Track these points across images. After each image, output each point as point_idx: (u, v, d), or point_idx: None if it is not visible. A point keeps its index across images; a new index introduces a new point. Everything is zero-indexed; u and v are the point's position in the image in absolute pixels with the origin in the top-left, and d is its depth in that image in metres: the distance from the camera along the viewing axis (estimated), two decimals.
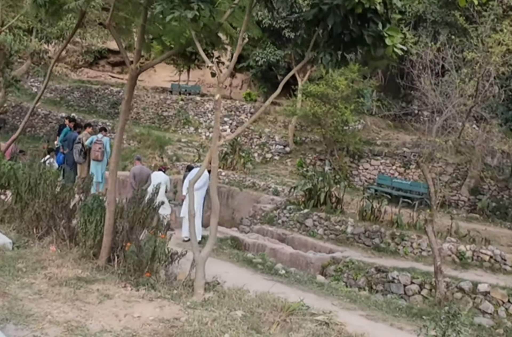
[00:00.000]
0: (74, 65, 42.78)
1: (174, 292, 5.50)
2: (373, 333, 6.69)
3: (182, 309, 4.97)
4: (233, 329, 4.47)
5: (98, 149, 13.14)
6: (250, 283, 9.00)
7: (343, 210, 14.99)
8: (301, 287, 9.04)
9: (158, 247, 5.69)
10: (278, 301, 5.34)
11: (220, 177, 21.11)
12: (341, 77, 19.25)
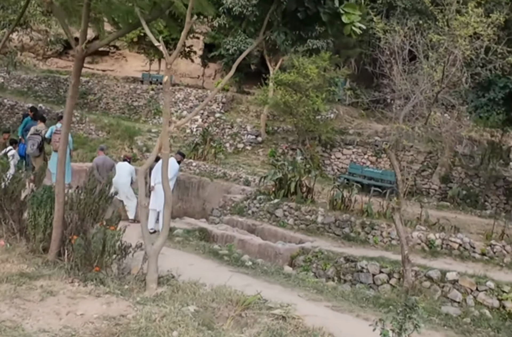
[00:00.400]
0: (43, 55, 41.75)
1: (125, 287, 5.20)
2: (338, 324, 6.50)
3: (130, 305, 4.68)
4: (182, 326, 4.20)
5: (58, 140, 12.63)
6: (214, 276, 8.75)
7: (313, 200, 14.80)
8: (268, 279, 8.82)
9: (108, 240, 5.35)
10: (234, 295, 5.08)
11: (191, 167, 20.78)
12: (312, 65, 18.99)
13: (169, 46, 32.17)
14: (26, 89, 29.69)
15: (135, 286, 5.23)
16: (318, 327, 4.97)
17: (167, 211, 5.40)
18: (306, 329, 4.78)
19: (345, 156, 20.86)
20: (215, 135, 24.32)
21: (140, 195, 5.42)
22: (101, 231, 5.29)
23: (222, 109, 25.49)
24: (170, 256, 9.69)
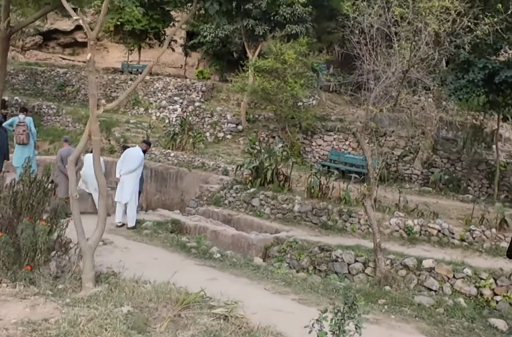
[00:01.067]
0: (22, 47, 40.90)
1: (59, 287, 4.77)
2: (302, 318, 6.11)
3: (58, 307, 4.25)
4: (109, 330, 3.79)
5: (22, 132, 12.17)
6: (176, 270, 8.35)
7: (291, 188, 14.40)
8: (235, 272, 8.43)
9: (39, 236, 4.90)
10: (175, 293, 4.65)
11: (169, 158, 20.31)
12: (290, 51, 18.50)
13: (149, 35, 31.70)
14: None
15: (70, 285, 4.81)
16: (264, 326, 4.57)
17: (102, 203, 4.94)
18: (249, 329, 4.37)
19: (326, 142, 20.46)
20: (195, 125, 23.83)
21: (70, 186, 4.94)
22: (29, 227, 4.85)
23: (202, 98, 24.97)
24: (134, 250, 9.30)
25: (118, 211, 11.27)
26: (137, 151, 11.40)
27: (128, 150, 11.60)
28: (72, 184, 4.81)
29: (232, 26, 21.80)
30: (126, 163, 11.21)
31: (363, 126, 8.75)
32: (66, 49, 43.00)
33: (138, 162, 11.21)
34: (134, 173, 11.23)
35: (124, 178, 11.19)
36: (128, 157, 11.26)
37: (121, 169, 11.23)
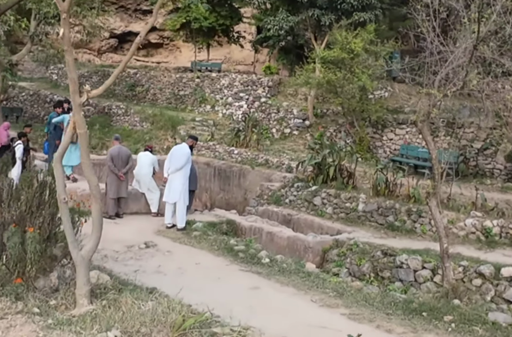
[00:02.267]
0: (98, 50, 42.10)
1: (51, 303, 4.17)
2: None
3: (36, 330, 3.63)
4: None
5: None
6: (219, 276, 7.66)
7: (355, 186, 13.36)
8: (282, 279, 7.61)
9: (28, 245, 4.31)
10: (174, 314, 3.90)
11: (233, 155, 19.79)
12: (357, 39, 17.36)
13: (217, 33, 31.34)
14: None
15: (64, 301, 4.20)
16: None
17: (95, 206, 4.29)
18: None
19: (398, 136, 19.13)
20: (261, 121, 23.16)
21: (58, 188, 4.31)
22: (15, 234, 4.27)
23: (268, 93, 24.24)
24: (177, 254, 8.71)
25: (167, 211, 10.76)
26: (183, 148, 10.83)
27: (174, 148, 11.06)
28: (60, 186, 4.19)
29: (297, 17, 20.86)
30: (173, 161, 10.65)
31: (426, 114, 7.65)
32: (140, 51, 43.79)
33: (185, 160, 10.62)
34: (182, 171, 10.65)
35: (172, 177, 10.65)
36: (174, 154, 10.70)
37: (168, 168, 10.68)
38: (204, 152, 21.11)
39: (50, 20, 18.44)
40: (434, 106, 7.35)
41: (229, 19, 30.00)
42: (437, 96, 6.92)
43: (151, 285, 6.70)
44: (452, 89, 6.91)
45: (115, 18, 42.66)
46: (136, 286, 5.66)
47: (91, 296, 4.13)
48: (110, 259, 8.12)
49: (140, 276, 7.17)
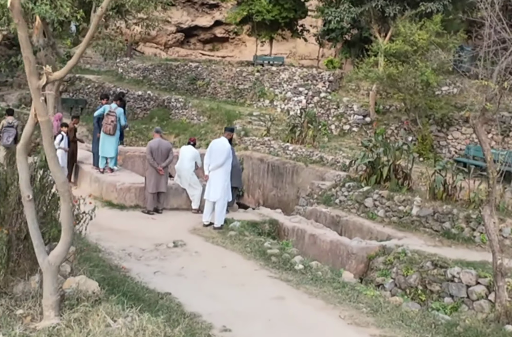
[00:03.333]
0: (164, 44, 42.50)
1: (17, 313, 3.71)
2: None
3: None
4: None
5: (110, 122, 11.72)
6: (244, 282, 7.07)
7: (411, 188, 12.37)
8: (312, 289, 6.92)
9: None
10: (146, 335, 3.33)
11: (287, 151, 19.13)
12: (421, 31, 16.20)
13: (280, 26, 30.62)
14: (141, 78, 29.88)
15: (31, 311, 3.73)
16: None
17: (65, 206, 3.72)
18: None
19: (465, 135, 17.81)
20: (320, 117, 22.34)
21: (21, 184, 3.75)
22: None
23: (329, 88, 23.35)
24: (205, 255, 8.20)
25: (206, 209, 10.27)
26: (222, 142, 10.25)
27: (213, 142, 10.50)
28: (23, 182, 3.67)
29: (360, 8, 19.83)
30: (213, 157, 10.09)
31: (481, 110, 6.71)
32: (206, 45, 43.91)
33: (226, 155, 10.05)
34: (223, 168, 10.10)
35: (213, 174, 10.11)
36: (214, 150, 10.14)
37: (208, 165, 10.13)
38: (259, 148, 20.59)
39: (109, 12, 18.37)
40: (490, 100, 6.41)
41: (293, 12, 29.24)
42: (493, 89, 6.02)
43: (167, 289, 6.24)
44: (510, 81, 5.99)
45: (182, 12, 42.99)
46: (131, 293, 5.16)
47: (61, 307, 3.64)
48: (133, 258, 7.73)
49: (158, 279, 6.72)
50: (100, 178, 11.87)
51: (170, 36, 42.54)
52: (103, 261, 7.00)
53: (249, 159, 20.26)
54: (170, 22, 42.29)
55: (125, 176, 11.95)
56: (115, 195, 11.29)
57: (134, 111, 26.79)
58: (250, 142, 21.08)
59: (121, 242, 8.57)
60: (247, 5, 29.00)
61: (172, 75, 29.26)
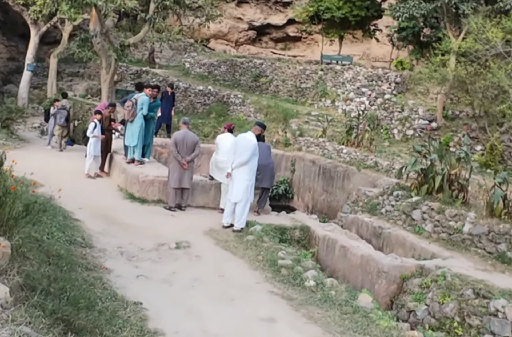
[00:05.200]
0: (236, 41, 42.15)
1: None
2: None
3: None
4: None
5: (125, 108, 11.12)
6: (236, 297, 6.08)
7: (467, 201, 10.89)
8: (313, 312, 5.83)
9: None
10: None
11: (341, 154, 17.94)
12: (496, 28, 14.53)
13: (351, 24, 29.27)
14: (206, 73, 29.50)
15: None
16: None
17: None
18: None
19: None
20: (382, 120, 20.95)
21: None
22: None
23: (394, 90, 21.86)
24: (206, 260, 7.27)
25: (227, 210, 9.33)
26: (248, 138, 9.27)
27: (239, 136, 9.50)
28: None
29: (431, 4, 18.25)
30: (238, 153, 9.12)
31: None
32: (278, 44, 43.20)
33: (251, 151, 9.06)
34: (248, 166, 9.12)
35: (236, 172, 9.14)
36: (240, 145, 9.16)
37: (232, 161, 9.18)
38: (313, 149, 19.51)
39: (166, 2, 17.89)
40: None
41: (364, 10, 27.82)
42: None
43: (141, 297, 5.37)
44: None
45: (255, 9, 42.45)
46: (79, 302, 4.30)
47: None
48: (124, 257, 6.93)
49: (137, 284, 5.87)
50: (126, 169, 11.26)
51: (242, 33, 42.14)
52: (84, 259, 6.25)
53: (301, 160, 19.22)
54: (243, 19, 41.95)
55: (151, 169, 11.25)
56: (137, 187, 10.61)
57: (194, 105, 26.41)
58: (305, 142, 20.03)
59: (123, 238, 7.83)
60: (316, 2, 27.93)
61: (236, 72, 28.67)
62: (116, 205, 10.03)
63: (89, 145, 12.09)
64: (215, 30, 41.56)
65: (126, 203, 10.28)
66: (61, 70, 27.56)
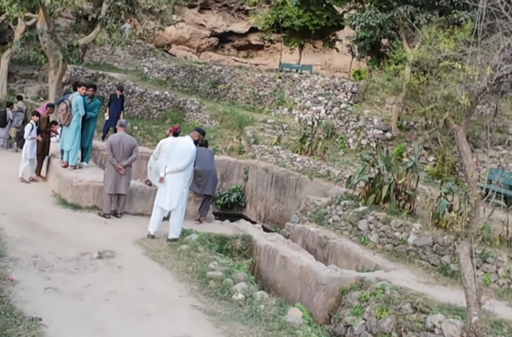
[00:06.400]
0: (197, 48, 41.68)
1: None
2: None
3: None
4: None
5: (60, 111, 10.53)
6: (152, 312, 5.58)
7: (413, 211, 10.67)
8: (237, 329, 5.39)
9: None
10: None
11: (294, 163, 17.61)
12: (448, 39, 14.51)
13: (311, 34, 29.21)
14: (165, 79, 28.91)
15: None
16: None
17: None
18: None
19: (492, 159, 15.92)
20: (338, 129, 20.78)
21: None
22: None
23: (351, 99, 21.73)
24: (129, 272, 6.74)
25: (155, 218, 8.77)
26: (187, 143, 8.75)
27: (174, 140, 9.01)
28: None
29: (387, 14, 18.21)
30: (173, 158, 8.61)
31: (466, 111, 5.04)
32: (240, 52, 42.94)
33: (190, 158, 8.59)
34: (184, 172, 8.64)
35: (170, 178, 8.62)
36: (176, 150, 8.66)
37: (165, 166, 8.65)
38: (267, 157, 19.13)
39: (118, 3, 17.30)
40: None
41: (324, 20, 27.77)
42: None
43: (44, 312, 4.82)
44: None
45: (218, 16, 42.13)
46: None
47: None
48: (36, 267, 6.34)
49: (43, 297, 5.30)
50: (60, 173, 10.62)
51: (204, 40, 41.73)
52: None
53: (255, 168, 18.81)
54: (205, 25, 41.58)
55: (88, 173, 10.64)
56: (71, 193, 9.98)
57: (150, 111, 25.80)
58: (259, 150, 19.65)
59: (43, 247, 7.23)
60: (276, 10, 27.78)
61: (195, 78, 28.23)
62: (45, 211, 9.39)
63: (25, 148, 11.42)
64: (177, 36, 41.03)
65: (57, 209, 9.65)
66: (14, 72, 26.62)
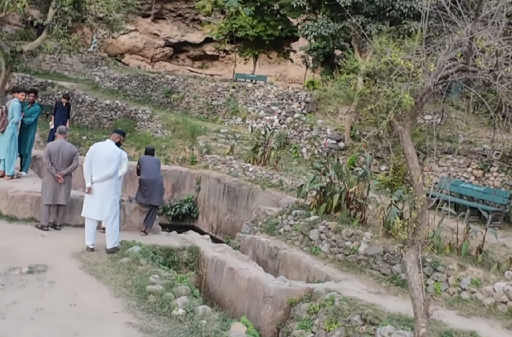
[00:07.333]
0: (151, 58, 41.11)
1: None
2: None
3: None
4: None
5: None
6: (82, 332, 5.14)
7: (364, 220, 10.52)
8: None
9: None
10: None
11: (247, 173, 17.32)
12: (398, 48, 14.59)
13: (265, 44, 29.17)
14: (117, 88, 28.29)
15: None
16: None
17: None
18: None
19: (442, 168, 16.06)
20: (292, 139, 20.67)
21: None
22: None
23: (304, 109, 21.67)
24: (63, 287, 6.25)
25: (89, 230, 8.27)
26: (111, 147, 8.28)
27: (96, 147, 8.40)
28: None
29: (339, 24, 18.29)
30: (98, 165, 8.13)
31: (410, 112, 4.83)
32: (195, 62, 42.61)
33: (117, 162, 8.17)
34: (112, 179, 8.20)
35: (99, 187, 8.13)
36: (98, 157, 8.16)
37: (90, 175, 8.16)
38: (219, 167, 18.78)
39: (65, 9, 16.74)
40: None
41: (278, 31, 27.82)
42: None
43: None
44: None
45: (172, 26, 41.74)
46: None
47: None
48: None
49: None
50: None
51: (158, 49, 41.22)
52: None
53: (207, 178, 18.42)
54: (159, 35, 41.09)
55: (26, 183, 10.05)
56: (6, 204, 9.37)
57: (100, 120, 25.18)
58: (212, 160, 19.29)
59: None
60: (230, 20, 27.66)
61: (148, 87, 27.75)
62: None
63: None
64: (130, 45, 40.40)
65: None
66: None
